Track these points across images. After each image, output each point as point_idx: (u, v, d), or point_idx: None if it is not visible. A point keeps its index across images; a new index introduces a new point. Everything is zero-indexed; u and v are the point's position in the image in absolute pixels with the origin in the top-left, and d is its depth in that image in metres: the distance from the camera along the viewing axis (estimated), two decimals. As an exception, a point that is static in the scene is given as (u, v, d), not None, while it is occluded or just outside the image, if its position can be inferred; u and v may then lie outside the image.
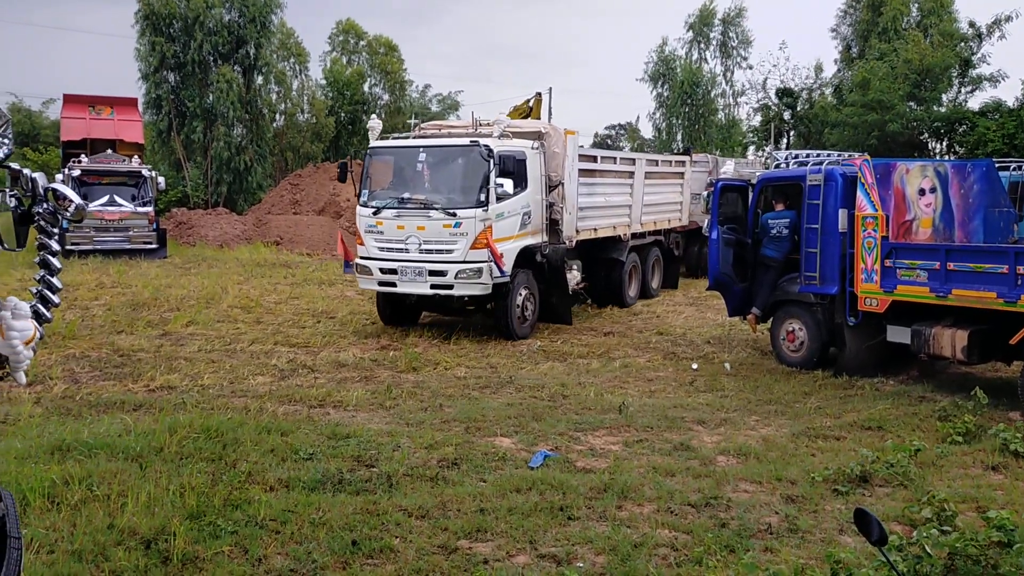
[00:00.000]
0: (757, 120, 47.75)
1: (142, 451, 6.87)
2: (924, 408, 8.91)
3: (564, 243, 13.79)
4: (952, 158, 32.69)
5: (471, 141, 12.53)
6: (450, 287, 12.50)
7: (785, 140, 45.07)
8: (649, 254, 17.83)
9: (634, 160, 17.31)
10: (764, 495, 6.37)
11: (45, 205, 3.56)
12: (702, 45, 53.60)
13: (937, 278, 9.32)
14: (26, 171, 3.56)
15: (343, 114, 46.32)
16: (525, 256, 13.09)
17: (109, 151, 26.68)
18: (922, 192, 10.49)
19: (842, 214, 10.41)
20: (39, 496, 5.78)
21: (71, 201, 3.58)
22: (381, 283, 12.99)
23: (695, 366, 11.32)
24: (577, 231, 14.26)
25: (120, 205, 24.23)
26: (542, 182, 13.44)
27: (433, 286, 12.58)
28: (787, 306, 11.33)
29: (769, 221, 11.36)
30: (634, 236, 16.84)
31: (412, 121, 15.86)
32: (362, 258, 13.16)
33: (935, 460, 7.21)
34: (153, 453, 6.87)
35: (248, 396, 9.37)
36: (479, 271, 12.28)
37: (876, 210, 9.89)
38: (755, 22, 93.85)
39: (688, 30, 53.20)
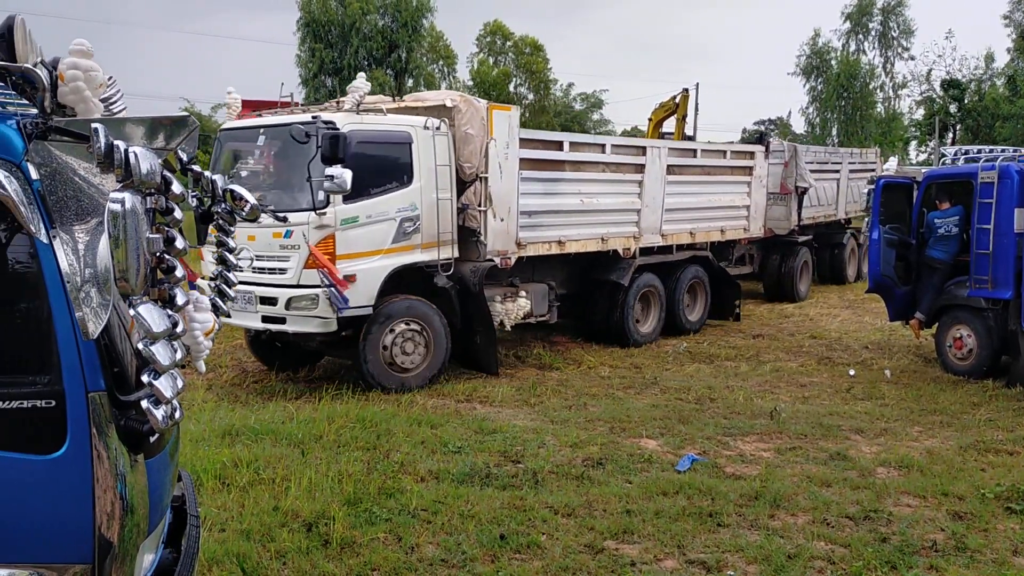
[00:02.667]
0: (920, 114, 45.23)
1: (303, 438, 7.24)
2: (1112, 425, 8.19)
3: (492, 260, 10.27)
4: None
5: (312, 117, 9.18)
6: (282, 320, 9.18)
7: (951, 134, 42.46)
8: (681, 276, 13.27)
9: (644, 148, 12.71)
10: (928, 510, 6.02)
11: (223, 205, 3.81)
12: (860, 36, 51.35)
13: None
14: (207, 173, 3.82)
15: (489, 114, 47.10)
16: (414, 279, 9.80)
17: (271, 153, 28.13)
18: (1112, 190, 9.64)
19: (1018, 214, 9.70)
20: (211, 477, 6.18)
21: (247, 201, 3.82)
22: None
23: (852, 372, 10.84)
24: (520, 244, 10.66)
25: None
26: (441, 175, 9.79)
27: (265, 318, 9.29)
28: (954, 311, 10.65)
29: (936, 220, 10.73)
30: (649, 251, 12.69)
31: (283, 92, 11.78)
32: (203, 277, 9.70)
33: (1125, 482, 6.60)
34: (313, 440, 7.23)
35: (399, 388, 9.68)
36: (315, 299, 8.95)
37: (1058, 209, 9.16)
38: (918, 10, 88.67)
39: (845, 20, 51.07)
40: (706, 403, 9.19)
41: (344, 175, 8.18)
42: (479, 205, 10.13)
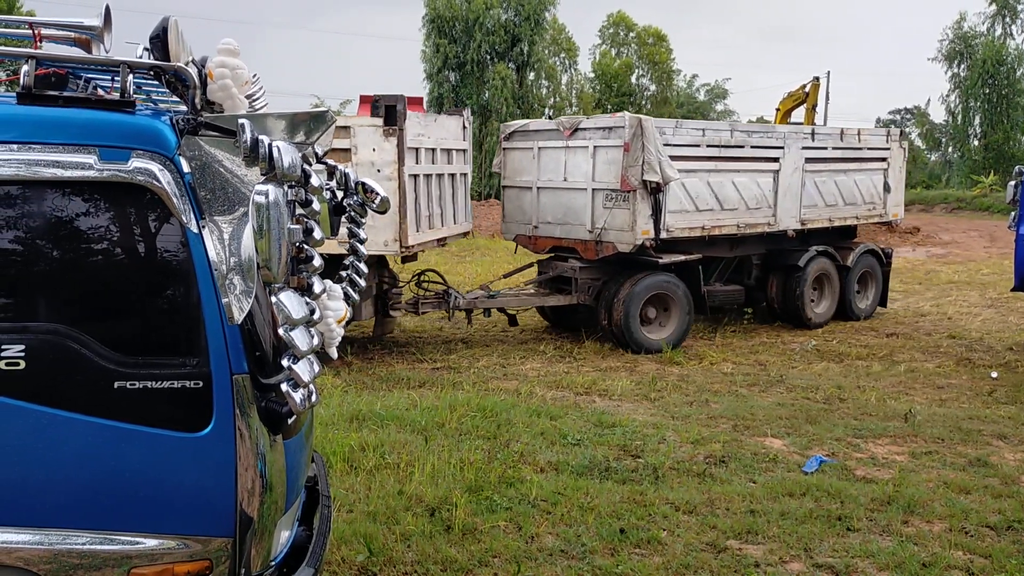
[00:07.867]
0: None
1: (426, 425, 7.40)
2: None
3: None
4: None
5: None
6: None
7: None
8: None
9: None
10: (1081, 524, 5.63)
11: (355, 197, 3.94)
12: (1007, 19, 48.20)
13: None
14: (340, 167, 3.95)
15: (609, 106, 46.82)
16: None
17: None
18: None
19: None
20: (340, 460, 6.40)
21: (377, 194, 3.93)
22: None
23: (994, 374, 10.23)
24: None
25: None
26: None
27: None
28: (1112, 312, 9.88)
29: (1092, 215, 9.99)
30: None
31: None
32: None
33: None
34: (436, 427, 7.38)
35: (519, 379, 9.77)
36: None
37: None
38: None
39: (990, 3, 48.02)
40: (835, 403, 8.86)
41: None
42: None
